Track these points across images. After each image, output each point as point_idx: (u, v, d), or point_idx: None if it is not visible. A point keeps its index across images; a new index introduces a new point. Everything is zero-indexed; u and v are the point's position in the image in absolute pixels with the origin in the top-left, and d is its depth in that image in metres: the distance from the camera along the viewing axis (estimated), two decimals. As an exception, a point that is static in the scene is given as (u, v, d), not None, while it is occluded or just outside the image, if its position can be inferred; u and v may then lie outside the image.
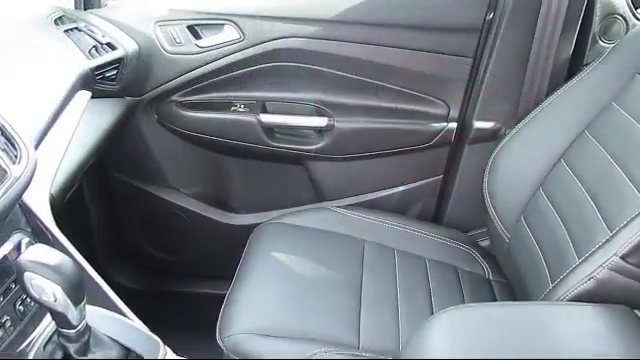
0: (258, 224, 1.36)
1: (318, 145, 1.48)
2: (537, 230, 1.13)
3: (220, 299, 1.13)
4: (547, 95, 1.26)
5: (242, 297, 1.10)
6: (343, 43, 1.40)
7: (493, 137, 1.39)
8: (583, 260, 0.86)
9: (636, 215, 0.81)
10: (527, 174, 1.21)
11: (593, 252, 0.85)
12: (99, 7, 1.44)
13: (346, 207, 1.41)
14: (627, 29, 1.30)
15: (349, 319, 1.06)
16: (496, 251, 1.29)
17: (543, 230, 1.10)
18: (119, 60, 1.33)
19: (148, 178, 1.57)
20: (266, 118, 1.47)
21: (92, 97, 1.24)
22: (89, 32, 1.31)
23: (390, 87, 1.43)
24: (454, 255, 1.32)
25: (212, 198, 1.62)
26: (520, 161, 1.24)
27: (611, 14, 1.30)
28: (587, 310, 0.76)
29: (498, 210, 1.25)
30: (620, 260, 0.79)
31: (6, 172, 0.78)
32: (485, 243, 1.41)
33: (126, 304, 0.88)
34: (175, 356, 0.89)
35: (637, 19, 1.29)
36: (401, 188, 1.52)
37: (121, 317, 0.89)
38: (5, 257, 0.80)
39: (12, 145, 0.84)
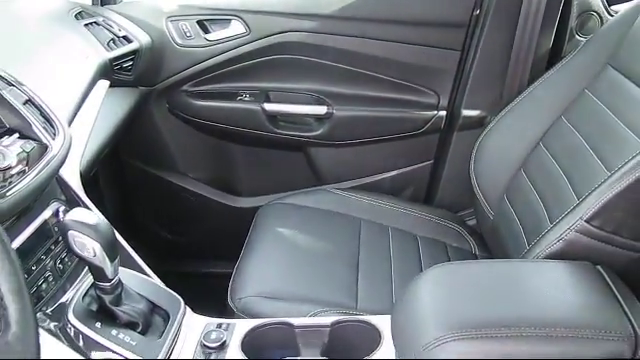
0: (261, 207, 1.46)
1: (317, 132, 1.59)
2: (518, 207, 1.23)
3: (226, 277, 1.21)
4: (528, 85, 1.37)
5: (250, 266, 1.20)
6: (340, 37, 1.52)
7: (479, 124, 1.50)
8: (554, 225, 0.97)
9: (600, 184, 0.92)
10: (509, 157, 1.30)
11: (562, 217, 0.96)
12: (115, 3, 1.55)
13: (344, 189, 1.51)
14: (601, 24, 1.42)
15: (347, 285, 1.17)
16: (482, 228, 1.40)
17: (523, 206, 1.21)
18: (134, 52, 1.44)
19: (159, 164, 1.68)
20: (269, 107, 1.58)
21: (110, 86, 1.35)
22: (107, 26, 1.42)
23: (384, 78, 1.54)
24: (443, 232, 1.42)
25: (218, 182, 1.73)
26: (503, 145, 1.34)
27: (587, 11, 1.42)
28: (555, 265, 0.88)
29: (483, 190, 1.36)
30: (585, 223, 0.90)
31: (47, 147, 0.89)
32: (472, 222, 1.52)
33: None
34: (193, 314, 1.01)
35: (610, 15, 1.41)
36: (395, 172, 1.63)
37: (147, 277, 1.00)
38: (45, 222, 0.91)
39: (50, 124, 0.94)
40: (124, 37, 1.43)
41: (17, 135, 0.89)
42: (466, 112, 1.52)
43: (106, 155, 1.39)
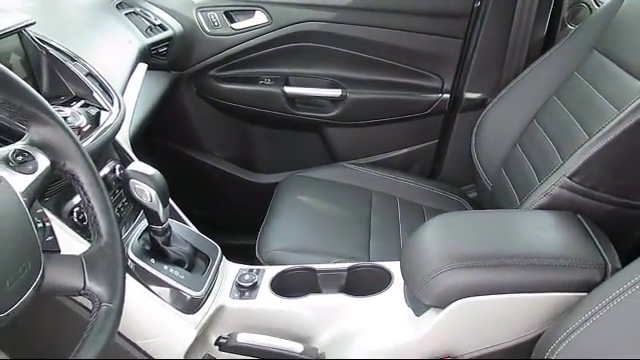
0: (282, 180, 1.60)
1: (333, 113, 1.75)
2: (512, 176, 1.37)
3: (245, 249, 1.33)
4: (524, 69, 1.50)
5: (275, 226, 1.36)
6: (353, 26, 1.67)
7: (480, 106, 1.63)
8: (542, 183, 1.11)
9: (581, 146, 1.06)
10: (506, 134, 1.44)
11: (549, 176, 1.10)
12: (150, -5, 1.71)
13: (357, 164, 1.66)
14: (590, 14, 1.55)
15: (360, 243, 1.31)
16: (481, 199, 1.54)
17: (517, 175, 1.35)
18: (169, 39, 1.60)
19: (186, 143, 1.84)
20: (289, 90, 1.74)
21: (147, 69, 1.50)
22: (144, 15, 1.58)
23: (393, 64, 1.70)
24: (447, 203, 1.56)
25: (241, 160, 1.88)
26: (501, 123, 1.48)
27: (577, 2, 1.56)
28: (541, 213, 1.02)
29: (483, 164, 1.49)
30: (567, 179, 1.04)
31: (107, 110, 1.05)
32: (473, 195, 1.66)
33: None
34: (228, 261, 1.16)
35: (598, 5, 1.55)
36: (403, 150, 1.79)
37: (190, 227, 1.15)
38: (105, 176, 1.05)
39: (107, 93, 1.10)
40: (160, 25, 1.58)
41: (82, 101, 1.05)
42: (468, 95, 1.67)
43: (137, 135, 1.53)
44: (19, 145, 0.68)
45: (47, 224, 0.76)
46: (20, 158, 0.67)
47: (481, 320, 0.91)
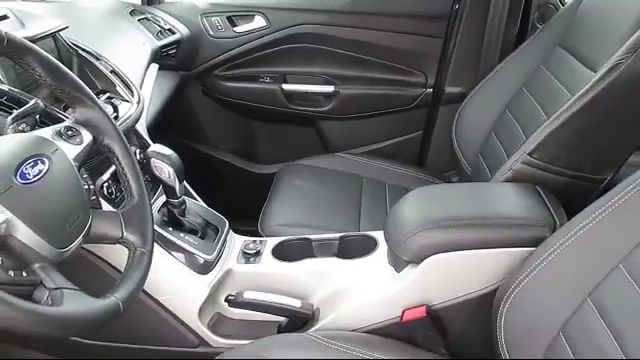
0: (281, 168, 1.77)
1: (326, 107, 1.92)
2: (488, 161, 1.52)
3: (248, 234, 1.40)
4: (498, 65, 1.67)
5: (276, 205, 1.52)
6: (344, 28, 1.85)
7: (460, 99, 1.76)
8: (507, 160, 1.27)
9: (539, 126, 1.21)
10: (482, 123, 1.58)
11: (514, 153, 1.25)
12: (159, 3, 1.88)
13: (349, 154, 1.82)
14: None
15: (352, 219, 1.47)
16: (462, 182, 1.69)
17: (492, 160, 1.49)
18: (177, 42, 1.76)
19: (193, 136, 2.00)
20: (286, 87, 1.92)
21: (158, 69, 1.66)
22: (155, 21, 1.75)
23: (381, 62, 1.87)
24: (431, 188, 1.72)
25: (243, 152, 2.06)
26: (477, 114, 1.63)
27: (545, 3, 1.72)
28: (504, 184, 1.17)
29: (463, 151, 1.65)
30: (527, 156, 1.18)
31: (129, 102, 1.21)
32: (455, 179, 1.82)
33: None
34: (234, 234, 1.31)
35: (562, 5, 1.71)
36: (391, 140, 1.96)
37: (201, 203, 1.31)
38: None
39: (128, 88, 1.26)
40: (169, 29, 1.75)
41: (107, 94, 1.21)
42: (449, 89, 1.84)
43: (154, 127, 1.69)
44: (67, 122, 0.85)
45: (91, 187, 0.92)
46: (70, 132, 0.83)
47: (451, 273, 1.06)
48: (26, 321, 0.60)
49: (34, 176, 0.71)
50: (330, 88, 1.90)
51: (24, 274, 0.67)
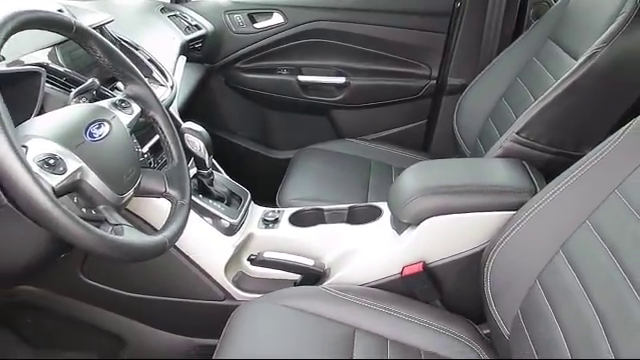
0: (296, 152, 1.93)
1: (338, 97, 2.09)
2: (485, 144, 1.66)
3: None
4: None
5: (292, 182, 1.68)
6: (355, 24, 2.01)
7: (461, 89, 1.89)
8: (499, 138, 1.41)
9: (527, 108, 1.35)
10: (480, 110, 1.71)
11: (505, 133, 1.40)
12: (187, 1, 2.06)
13: (359, 140, 1.98)
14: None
15: (360, 195, 1.62)
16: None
17: (488, 143, 1.63)
18: (203, 36, 1.93)
19: (215, 123, 2.16)
20: (302, 78, 2.09)
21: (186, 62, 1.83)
22: (183, 17, 1.92)
23: (388, 55, 2.03)
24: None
25: (261, 138, 2.23)
26: (476, 103, 1.76)
27: (540, 1, 1.86)
28: (494, 159, 1.32)
29: (463, 137, 1.78)
30: (515, 135, 1.32)
31: (164, 86, 1.38)
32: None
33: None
34: (255, 205, 1.47)
35: (555, 1, 1.85)
36: (398, 128, 2.11)
37: (226, 176, 1.48)
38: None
39: (163, 75, 1.43)
40: (195, 25, 1.92)
41: (146, 79, 1.38)
42: (451, 80, 1.99)
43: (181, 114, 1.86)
44: (120, 96, 1.02)
45: (140, 150, 1.09)
46: (123, 104, 1.00)
47: (445, 234, 1.20)
48: (99, 244, 0.76)
49: (99, 136, 0.88)
50: (342, 79, 2.07)
51: (93, 212, 0.84)
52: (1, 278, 0.89)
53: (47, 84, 1.01)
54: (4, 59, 0.98)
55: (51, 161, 0.77)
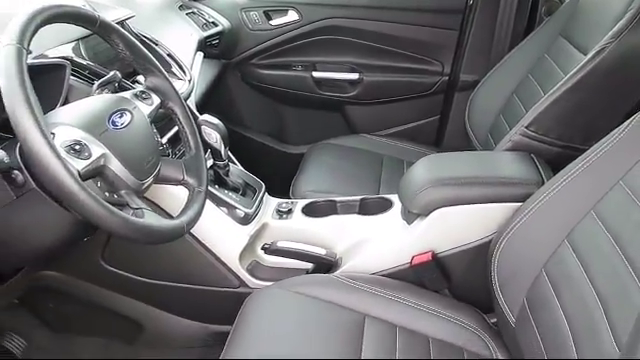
0: (310, 146, 1.96)
1: (352, 93, 2.12)
2: (496, 139, 1.68)
3: None
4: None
5: (305, 176, 1.71)
6: (369, 21, 2.04)
7: (474, 86, 1.91)
8: (508, 132, 1.44)
9: (536, 103, 1.37)
10: (492, 106, 1.73)
11: (514, 127, 1.42)
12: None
13: (372, 135, 2.01)
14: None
15: (372, 188, 1.66)
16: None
17: (498, 136, 1.65)
18: (220, 33, 1.98)
19: (231, 118, 2.19)
20: (316, 74, 2.12)
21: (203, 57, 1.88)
22: (200, 14, 1.97)
23: (402, 52, 2.06)
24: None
25: (275, 133, 2.27)
26: (488, 99, 1.78)
27: (551, -1, 1.89)
28: (504, 152, 1.35)
29: (475, 132, 1.80)
30: (524, 129, 1.35)
31: (182, 80, 1.43)
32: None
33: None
34: (269, 196, 1.51)
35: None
36: (411, 124, 2.14)
37: (242, 168, 1.52)
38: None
39: (181, 69, 1.48)
40: (212, 22, 1.97)
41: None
42: (464, 77, 2.02)
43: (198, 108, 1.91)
44: (141, 87, 1.06)
45: (159, 140, 1.14)
46: (143, 95, 1.04)
47: (454, 224, 1.23)
48: (121, 226, 0.80)
49: (121, 124, 0.92)
50: (355, 75, 2.10)
51: (115, 196, 0.88)
52: (28, 259, 0.94)
53: (71, 76, 1.05)
54: (31, 52, 1.03)
55: (77, 147, 0.81)
